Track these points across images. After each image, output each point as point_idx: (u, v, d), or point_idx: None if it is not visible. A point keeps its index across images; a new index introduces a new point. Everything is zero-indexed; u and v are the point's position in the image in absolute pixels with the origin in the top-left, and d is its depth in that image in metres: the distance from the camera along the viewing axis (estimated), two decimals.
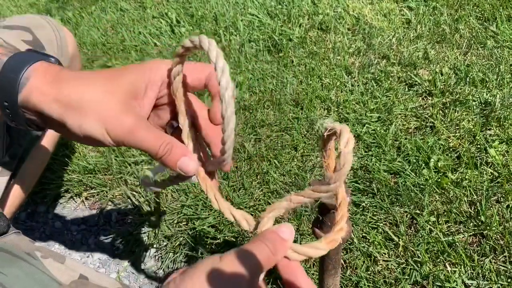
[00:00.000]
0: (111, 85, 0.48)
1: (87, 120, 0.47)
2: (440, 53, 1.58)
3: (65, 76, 0.49)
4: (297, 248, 0.47)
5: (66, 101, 0.47)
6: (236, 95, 1.52)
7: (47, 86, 0.48)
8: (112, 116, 0.47)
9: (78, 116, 0.47)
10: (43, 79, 0.48)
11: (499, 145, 1.20)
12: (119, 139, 0.48)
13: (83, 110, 0.47)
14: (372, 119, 1.35)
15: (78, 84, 0.48)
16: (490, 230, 1.00)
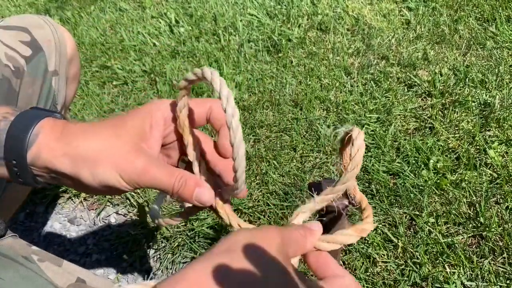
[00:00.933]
0: (117, 132, 0.49)
1: (100, 168, 0.48)
2: (440, 53, 1.57)
3: (72, 130, 0.50)
4: (327, 237, 0.48)
5: (76, 154, 0.48)
6: (235, 96, 1.52)
7: (56, 141, 0.48)
8: (123, 160, 0.48)
9: (90, 166, 0.48)
10: (51, 135, 0.49)
11: (498, 146, 1.20)
12: (134, 181, 0.48)
13: (94, 159, 0.48)
14: (371, 120, 1.35)
15: (85, 136, 0.49)
16: (489, 231, 1.00)
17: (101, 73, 1.73)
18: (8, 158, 0.49)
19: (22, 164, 0.49)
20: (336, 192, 0.50)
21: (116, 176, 0.48)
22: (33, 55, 0.81)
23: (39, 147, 0.48)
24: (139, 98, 1.58)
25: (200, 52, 1.72)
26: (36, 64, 0.82)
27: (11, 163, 0.49)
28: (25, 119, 0.49)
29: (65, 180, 0.50)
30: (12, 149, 0.48)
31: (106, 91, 1.65)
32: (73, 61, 0.93)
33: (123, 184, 0.48)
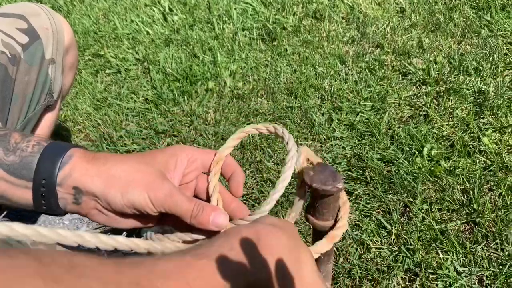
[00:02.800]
0: (146, 160, 0.54)
1: (130, 189, 0.51)
2: (434, 42, 1.57)
3: (103, 156, 0.53)
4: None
5: (109, 175, 0.51)
6: (230, 84, 1.51)
7: (88, 163, 0.51)
8: (152, 182, 0.52)
9: (122, 186, 0.51)
10: (83, 158, 0.52)
11: (492, 133, 1.20)
12: (160, 203, 0.52)
13: (126, 180, 0.51)
14: (366, 108, 1.35)
15: (116, 160, 0.53)
16: (483, 217, 1.00)
17: (94, 62, 1.72)
18: (37, 178, 0.50)
19: (50, 184, 0.51)
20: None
21: (145, 196, 0.51)
22: (30, 43, 0.81)
23: (72, 167, 0.51)
24: (132, 86, 1.56)
25: (194, 41, 1.71)
26: (33, 51, 0.81)
27: (39, 183, 0.51)
28: (57, 145, 0.52)
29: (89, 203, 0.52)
30: (44, 170, 0.50)
31: (99, 80, 1.63)
32: (70, 50, 0.92)
33: (150, 205, 0.52)
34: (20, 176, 0.51)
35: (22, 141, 0.52)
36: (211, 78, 1.54)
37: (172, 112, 1.43)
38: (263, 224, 0.49)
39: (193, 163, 0.59)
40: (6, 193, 0.52)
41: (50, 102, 0.89)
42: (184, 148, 0.58)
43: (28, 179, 0.51)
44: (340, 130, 1.29)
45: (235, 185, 0.60)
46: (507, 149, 1.17)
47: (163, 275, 0.36)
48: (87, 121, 1.46)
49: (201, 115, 1.41)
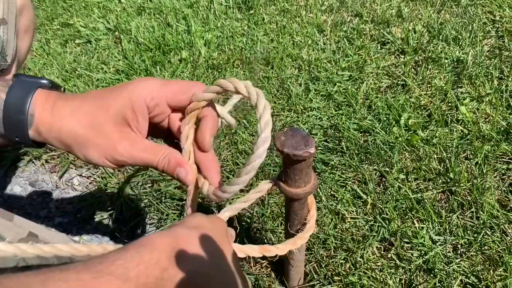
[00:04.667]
0: (101, 117, 0.53)
1: (88, 151, 0.53)
2: (414, 10, 1.54)
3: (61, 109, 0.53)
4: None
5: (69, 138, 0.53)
6: (204, 54, 1.46)
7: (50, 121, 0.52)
8: (108, 146, 0.52)
9: (81, 149, 0.53)
10: (45, 114, 0.53)
11: (470, 102, 1.19)
12: (120, 162, 0.53)
13: (84, 144, 0.52)
14: (344, 78, 1.32)
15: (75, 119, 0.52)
16: (459, 186, 0.99)
17: (62, 31, 1.64)
18: (9, 135, 0.53)
19: (26, 140, 0.53)
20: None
21: (103, 159, 0.53)
22: None
23: (37, 128, 0.52)
24: (102, 56, 1.50)
25: (167, 9, 1.64)
26: None
27: (13, 139, 0.53)
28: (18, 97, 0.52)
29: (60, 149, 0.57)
30: (12, 129, 0.52)
31: (68, 50, 1.56)
32: (24, 11, 0.86)
33: (111, 165, 0.53)
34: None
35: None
36: (185, 47, 1.48)
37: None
38: (184, 229, 0.45)
39: (156, 106, 0.54)
40: None
41: (3, 66, 0.83)
42: (141, 90, 0.53)
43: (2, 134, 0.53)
44: (317, 100, 1.26)
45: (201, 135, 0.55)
46: (484, 118, 1.15)
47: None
48: None
49: None
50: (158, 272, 0.38)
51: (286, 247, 0.66)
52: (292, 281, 0.89)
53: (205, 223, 0.48)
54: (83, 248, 0.45)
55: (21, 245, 0.41)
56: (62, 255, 0.44)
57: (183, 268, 0.39)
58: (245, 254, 0.59)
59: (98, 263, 0.36)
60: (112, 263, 0.36)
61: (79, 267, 0.35)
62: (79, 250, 0.44)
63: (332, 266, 0.91)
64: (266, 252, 0.64)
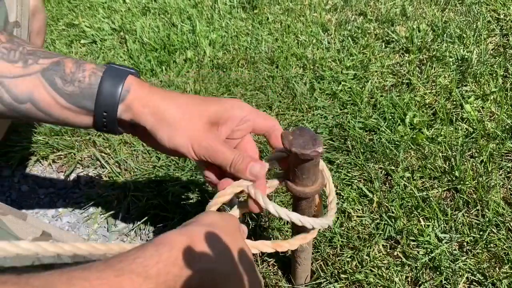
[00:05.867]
0: (199, 109, 0.58)
1: (177, 135, 0.56)
2: (418, 9, 1.54)
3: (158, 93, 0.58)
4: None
5: (162, 116, 0.56)
6: (209, 54, 1.46)
7: (146, 98, 0.56)
8: (197, 135, 0.57)
9: (169, 131, 0.56)
10: (140, 92, 0.56)
11: (474, 101, 1.19)
12: (202, 153, 0.57)
13: (175, 126, 0.56)
14: (348, 77, 1.32)
15: (172, 103, 0.57)
16: (464, 184, 1.00)
17: (68, 32, 1.65)
18: (99, 111, 0.55)
19: (112, 116, 0.56)
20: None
21: (188, 146, 0.57)
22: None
23: (132, 101, 0.56)
24: (108, 57, 1.51)
25: (172, 9, 1.65)
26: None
27: (101, 114, 0.56)
28: (112, 75, 0.56)
29: (141, 133, 0.59)
30: (104, 102, 0.55)
31: (73, 50, 1.57)
32: (37, 13, 0.88)
33: (192, 153, 0.57)
34: (82, 106, 0.56)
35: (77, 70, 0.55)
36: (190, 47, 1.49)
37: (150, 83, 1.39)
38: (199, 227, 0.47)
39: (245, 123, 0.62)
40: (70, 119, 0.57)
41: None
42: (241, 105, 0.62)
43: (90, 109, 0.56)
44: (322, 99, 1.27)
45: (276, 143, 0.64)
46: (489, 116, 1.16)
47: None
48: None
49: (180, 85, 1.37)
50: (177, 270, 0.38)
51: (297, 242, 0.68)
52: (299, 279, 0.89)
53: (218, 221, 0.49)
54: (101, 247, 0.46)
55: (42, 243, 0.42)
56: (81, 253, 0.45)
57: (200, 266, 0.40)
58: (258, 250, 0.60)
59: (119, 261, 0.37)
60: (132, 261, 0.37)
61: (101, 266, 0.36)
62: (97, 248, 0.45)
63: (338, 264, 0.91)
64: (278, 247, 0.65)
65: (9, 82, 0.54)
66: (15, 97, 0.54)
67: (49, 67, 0.55)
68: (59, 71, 0.55)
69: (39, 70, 0.55)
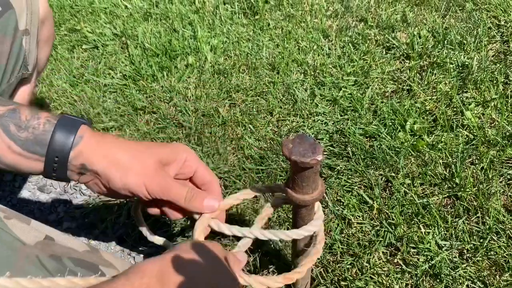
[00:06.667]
0: (148, 152, 0.61)
1: (129, 175, 0.58)
2: (419, 15, 1.54)
3: (109, 139, 0.61)
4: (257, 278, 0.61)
5: (113, 159, 0.59)
6: (210, 59, 1.47)
7: (97, 145, 0.59)
8: (149, 173, 0.60)
9: (121, 171, 0.58)
10: (92, 139, 0.59)
11: (475, 107, 1.19)
12: (154, 191, 0.60)
13: (127, 166, 0.59)
14: (349, 83, 1.32)
15: (123, 147, 0.60)
16: (464, 191, 1.00)
17: (70, 37, 1.66)
18: (50, 155, 0.57)
19: (62, 161, 0.58)
20: None
21: (141, 184, 0.59)
22: (2, 12, 0.77)
23: (82, 148, 0.58)
24: (109, 62, 1.51)
25: (173, 15, 1.66)
26: (5, 21, 0.78)
27: (52, 159, 0.57)
28: (67, 123, 0.58)
29: (91, 177, 0.61)
30: (57, 148, 0.57)
31: (75, 55, 1.58)
32: (45, 22, 0.89)
33: (145, 192, 0.60)
34: (34, 151, 0.57)
35: (32, 118, 0.57)
36: (191, 53, 1.49)
37: (151, 88, 1.39)
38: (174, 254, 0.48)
39: (188, 167, 0.66)
40: (19, 165, 0.58)
41: (25, 74, 0.86)
42: (186, 150, 0.66)
43: (41, 155, 0.57)
44: (323, 105, 1.27)
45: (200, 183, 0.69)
46: (489, 123, 1.16)
47: None
48: (63, 98, 1.41)
49: (181, 91, 1.37)
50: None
51: (304, 268, 0.68)
52: (299, 286, 0.89)
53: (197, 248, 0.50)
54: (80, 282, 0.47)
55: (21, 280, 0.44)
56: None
57: None
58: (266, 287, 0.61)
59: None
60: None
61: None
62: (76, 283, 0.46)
63: (338, 271, 0.91)
64: (289, 281, 0.65)
65: None
66: None
67: (5, 114, 0.57)
68: (14, 118, 0.57)
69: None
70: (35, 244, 0.60)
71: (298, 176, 0.63)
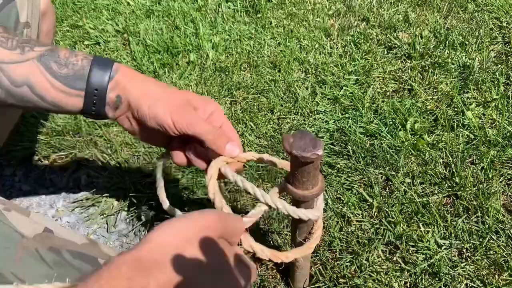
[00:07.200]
0: (180, 91, 0.64)
1: (158, 105, 0.60)
2: (421, 16, 1.54)
3: (141, 75, 0.64)
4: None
5: (145, 90, 0.62)
6: (212, 57, 1.47)
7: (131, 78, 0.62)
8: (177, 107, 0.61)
9: (151, 101, 0.61)
10: (127, 72, 0.62)
11: (476, 107, 1.19)
12: (181, 123, 0.60)
13: (157, 98, 0.61)
14: (350, 82, 1.32)
15: (155, 83, 0.63)
16: (464, 191, 1.00)
17: (72, 33, 1.66)
18: (90, 88, 0.60)
19: (102, 94, 0.61)
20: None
21: (168, 116, 0.60)
22: (4, 4, 0.77)
23: (118, 79, 0.61)
24: (111, 58, 1.51)
25: (175, 12, 1.66)
26: (7, 13, 0.78)
27: (91, 92, 0.60)
28: (102, 59, 0.61)
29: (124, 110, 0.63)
30: (96, 81, 0.60)
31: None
32: (46, 15, 0.89)
33: (171, 125, 0.60)
34: (74, 87, 0.60)
35: (70, 55, 0.60)
36: (193, 50, 1.49)
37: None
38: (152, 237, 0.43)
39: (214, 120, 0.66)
40: (61, 102, 0.61)
41: None
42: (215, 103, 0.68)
43: (81, 89, 0.60)
44: (324, 104, 1.27)
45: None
46: (490, 123, 1.16)
47: None
48: None
49: (182, 88, 1.37)
50: (124, 283, 0.38)
51: (293, 255, 0.67)
52: (298, 283, 0.89)
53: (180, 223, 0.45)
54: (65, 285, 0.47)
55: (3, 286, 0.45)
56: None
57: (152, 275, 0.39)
58: (252, 251, 0.60)
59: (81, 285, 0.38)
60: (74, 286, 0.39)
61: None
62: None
63: (337, 269, 0.91)
64: (275, 258, 0.64)
65: (7, 67, 0.58)
66: (12, 81, 0.58)
67: (45, 53, 0.59)
68: (53, 56, 0.59)
69: (35, 56, 0.59)
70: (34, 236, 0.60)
71: (299, 171, 0.63)
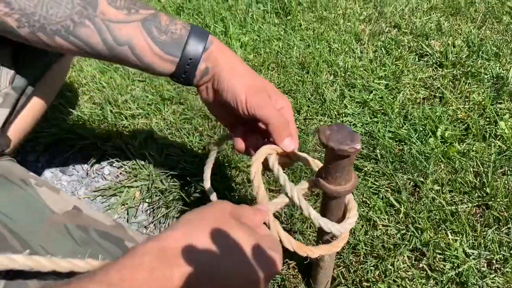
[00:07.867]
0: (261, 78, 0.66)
1: (237, 81, 0.63)
2: (454, 25, 1.52)
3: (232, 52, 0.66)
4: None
5: (232, 65, 0.64)
6: (240, 55, 1.46)
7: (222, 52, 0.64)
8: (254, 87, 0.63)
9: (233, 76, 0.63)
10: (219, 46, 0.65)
11: (509, 118, 1.16)
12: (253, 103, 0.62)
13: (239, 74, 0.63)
14: (380, 86, 1.30)
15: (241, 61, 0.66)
16: (495, 201, 0.97)
17: None
18: (184, 57, 0.63)
19: (195, 63, 0.63)
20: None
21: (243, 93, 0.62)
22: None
23: (211, 51, 0.63)
24: None
25: (206, 10, 1.67)
26: None
27: (186, 60, 0.63)
28: (198, 30, 0.64)
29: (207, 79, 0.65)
30: (191, 50, 0.62)
31: None
32: None
33: (243, 101, 0.62)
34: (170, 53, 0.62)
35: (170, 23, 0.63)
36: None
37: None
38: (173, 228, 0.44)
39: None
40: (155, 65, 0.63)
41: None
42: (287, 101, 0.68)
43: (176, 56, 0.63)
44: (352, 107, 1.25)
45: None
46: None
47: None
48: (92, 83, 1.42)
49: None
50: (146, 273, 0.38)
51: (319, 251, 0.65)
52: (319, 285, 0.87)
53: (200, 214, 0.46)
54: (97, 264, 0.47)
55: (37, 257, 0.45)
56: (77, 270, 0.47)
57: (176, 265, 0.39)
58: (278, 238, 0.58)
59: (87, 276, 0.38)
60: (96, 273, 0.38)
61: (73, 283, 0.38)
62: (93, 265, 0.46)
63: (361, 272, 0.89)
64: (300, 250, 0.62)
65: (113, 26, 0.60)
66: (116, 39, 0.60)
67: (148, 17, 0.62)
68: (155, 22, 0.62)
69: (140, 19, 0.61)
70: (64, 213, 0.60)
71: (333, 165, 0.61)
